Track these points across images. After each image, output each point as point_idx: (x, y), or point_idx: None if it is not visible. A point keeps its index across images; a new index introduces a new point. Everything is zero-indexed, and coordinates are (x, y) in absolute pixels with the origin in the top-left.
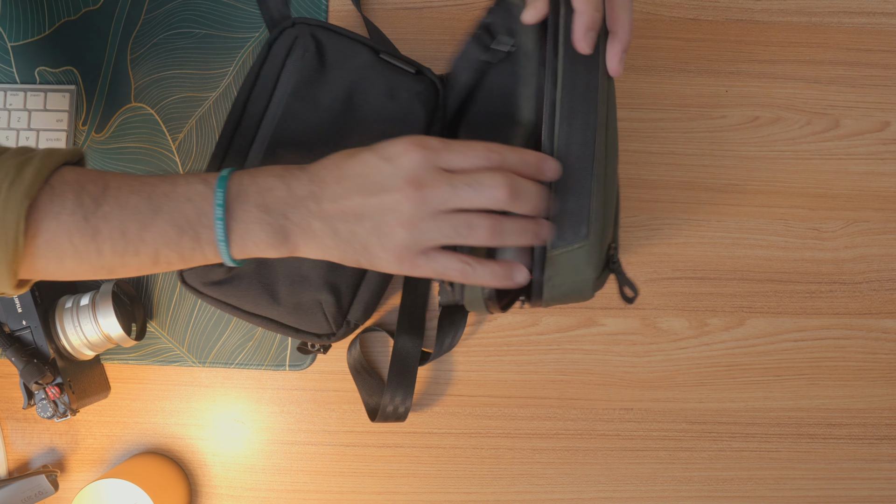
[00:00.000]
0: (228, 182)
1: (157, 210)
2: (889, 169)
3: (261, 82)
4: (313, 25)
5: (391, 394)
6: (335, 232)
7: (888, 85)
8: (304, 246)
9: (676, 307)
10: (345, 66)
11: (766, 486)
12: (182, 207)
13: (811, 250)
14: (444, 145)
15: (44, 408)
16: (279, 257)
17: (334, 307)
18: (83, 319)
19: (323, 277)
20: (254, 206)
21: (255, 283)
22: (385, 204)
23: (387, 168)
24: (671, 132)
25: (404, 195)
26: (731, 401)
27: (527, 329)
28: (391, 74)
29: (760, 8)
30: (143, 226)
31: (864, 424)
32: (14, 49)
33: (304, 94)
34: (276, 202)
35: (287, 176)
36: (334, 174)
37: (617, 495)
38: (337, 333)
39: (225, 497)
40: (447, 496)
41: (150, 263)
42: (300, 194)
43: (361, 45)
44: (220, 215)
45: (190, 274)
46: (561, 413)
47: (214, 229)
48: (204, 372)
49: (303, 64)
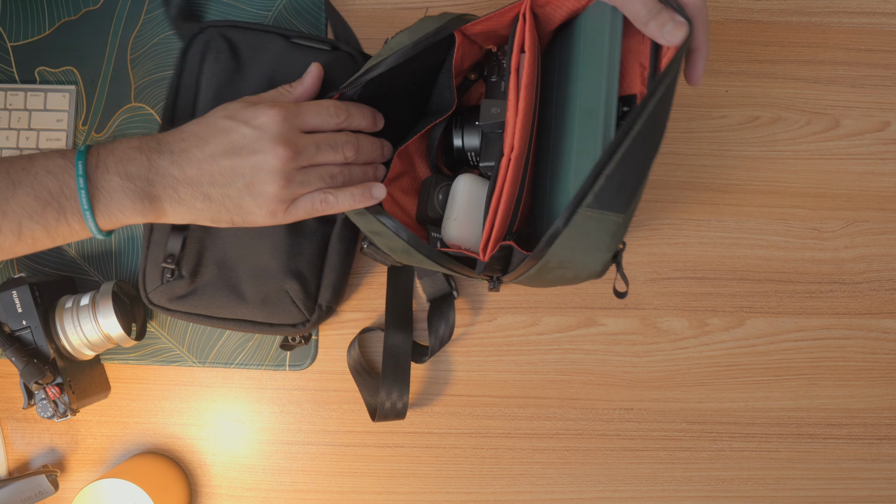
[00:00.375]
0: (87, 155)
1: (16, 183)
2: (889, 169)
3: (182, 93)
4: (222, 26)
5: (387, 390)
6: (206, 196)
7: (888, 85)
8: (172, 211)
9: (676, 307)
10: (260, 58)
11: (766, 486)
12: (42, 179)
13: (811, 250)
14: (299, 107)
15: (44, 408)
16: (144, 222)
17: (302, 293)
18: (83, 319)
19: (283, 265)
20: (115, 174)
21: (220, 286)
22: (256, 164)
23: (250, 132)
24: (671, 132)
25: (274, 154)
26: (731, 401)
27: (527, 329)
28: (307, 56)
29: (760, 8)
30: (3, 199)
31: (864, 424)
32: (14, 49)
33: (227, 94)
34: (137, 170)
35: (144, 147)
36: (193, 141)
37: (617, 495)
38: (311, 319)
39: (225, 497)
40: (447, 496)
41: (14, 239)
42: (161, 162)
43: (273, 35)
44: (83, 185)
45: (155, 293)
46: (561, 413)
47: (79, 199)
48: (204, 372)
49: (219, 66)
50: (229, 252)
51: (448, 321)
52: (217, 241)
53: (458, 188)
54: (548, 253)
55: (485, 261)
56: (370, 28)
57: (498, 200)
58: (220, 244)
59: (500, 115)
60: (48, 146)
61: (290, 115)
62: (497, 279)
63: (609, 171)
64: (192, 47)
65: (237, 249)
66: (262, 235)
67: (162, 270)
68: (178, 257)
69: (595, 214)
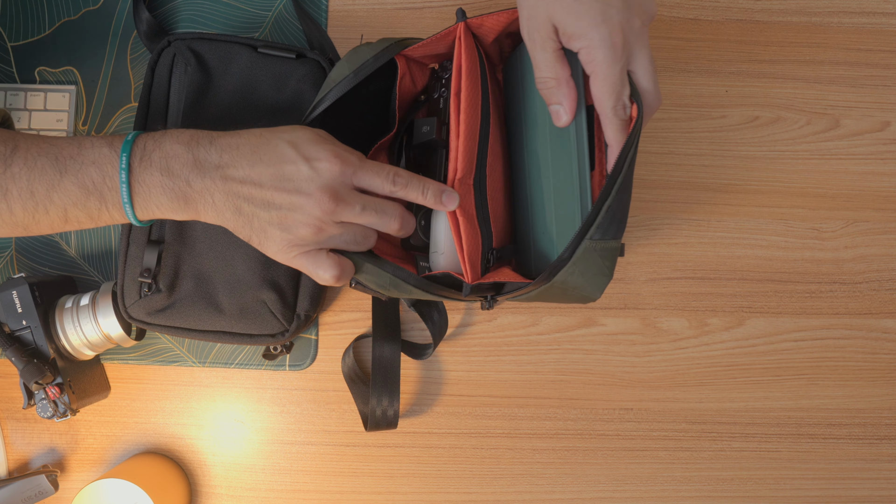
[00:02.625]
0: (133, 146)
1: (63, 171)
2: (889, 169)
3: (153, 108)
4: (188, 39)
5: (377, 397)
6: (237, 209)
7: (888, 85)
8: (205, 213)
9: (676, 307)
10: (228, 70)
11: (766, 486)
12: (88, 170)
13: (811, 250)
14: (361, 165)
15: (44, 408)
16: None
17: (279, 303)
18: (83, 319)
19: (259, 276)
20: (157, 170)
21: (197, 299)
22: (296, 203)
23: (305, 170)
24: (671, 132)
25: (317, 202)
26: (731, 401)
27: (527, 329)
28: (274, 65)
29: (760, 8)
30: (51, 186)
31: (864, 424)
32: (14, 49)
33: (198, 109)
34: (181, 168)
35: (194, 144)
36: (247, 155)
37: (617, 495)
38: (290, 329)
39: (225, 497)
40: (447, 496)
41: (61, 222)
42: (207, 164)
43: (240, 45)
44: (125, 178)
45: (134, 307)
46: (561, 413)
47: (120, 192)
48: (204, 372)
49: (188, 79)
50: (206, 264)
51: (439, 307)
52: (193, 253)
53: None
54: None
55: (470, 283)
56: (370, 28)
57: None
58: (196, 256)
59: (430, 132)
60: None
61: (349, 171)
62: (492, 298)
63: (609, 203)
64: (159, 61)
65: (213, 261)
66: (236, 246)
67: (139, 285)
68: (155, 272)
69: (597, 244)
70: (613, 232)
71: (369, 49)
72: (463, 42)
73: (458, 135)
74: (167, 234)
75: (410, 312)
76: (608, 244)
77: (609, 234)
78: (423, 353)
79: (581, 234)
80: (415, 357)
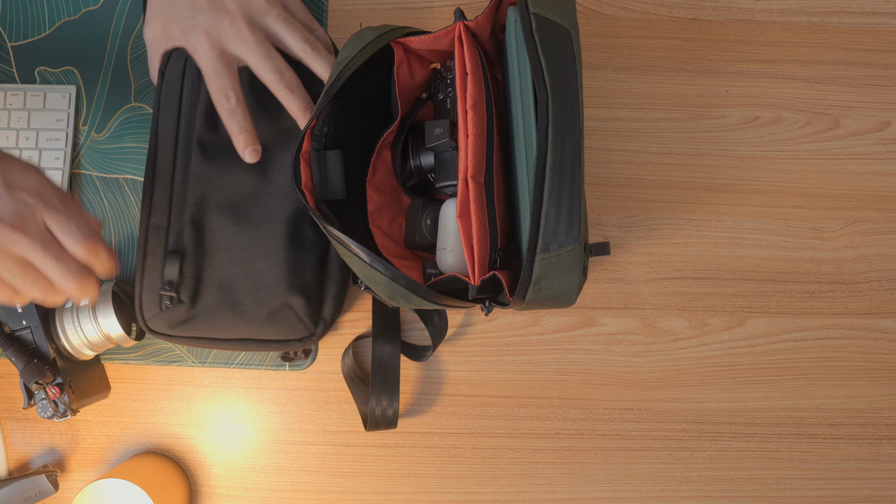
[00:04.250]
0: None
1: None
2: (889, 169)
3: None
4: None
5: (377, 397)
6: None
7: (888, 85)
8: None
9: (676, 307)
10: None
11: (766, 486)
12: None
13: (811, 250)
14: (63, 207)
15: (44, 408)
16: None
17: (306, 307)
18: (83, 319)
19: (286, 281)
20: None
21: (222, 308)
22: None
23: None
24: (671, 132)
25: None
26: (731, 401)
27: (527, 329)
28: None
29: (760, 8)
30: None
31: (864, 424)
32: (14, 49)
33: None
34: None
35: None
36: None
37: (617, 495)
38: (316, 332)
39: (225, 497)
40: (447, 496)
41: None
42: None
43: None
44: None
45: (154, 321)
46: (561, 413)
47: None
48: (204, 372)
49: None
50: (228, 272)
51: (440, 310)
52: (213, 262)
53: (448, 217)
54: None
55: (476, 284)
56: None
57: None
58: (217, 265)
59: (443, 134)
60: (48, 146)
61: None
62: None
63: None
64: (169, 65)
65: (236, 269)
66: (262, 252)
67: (160, 298)
68: (177, 283)
69: (552, 257)
70: (562, 239)
71: (371, 31)
72: (465, 42)
73: (466, 134)
74: (186, 244)
75: (410, 312)
76: (563, 251)
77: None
78: (423, 355)
79: (531, 253)
80: (414, 359)
